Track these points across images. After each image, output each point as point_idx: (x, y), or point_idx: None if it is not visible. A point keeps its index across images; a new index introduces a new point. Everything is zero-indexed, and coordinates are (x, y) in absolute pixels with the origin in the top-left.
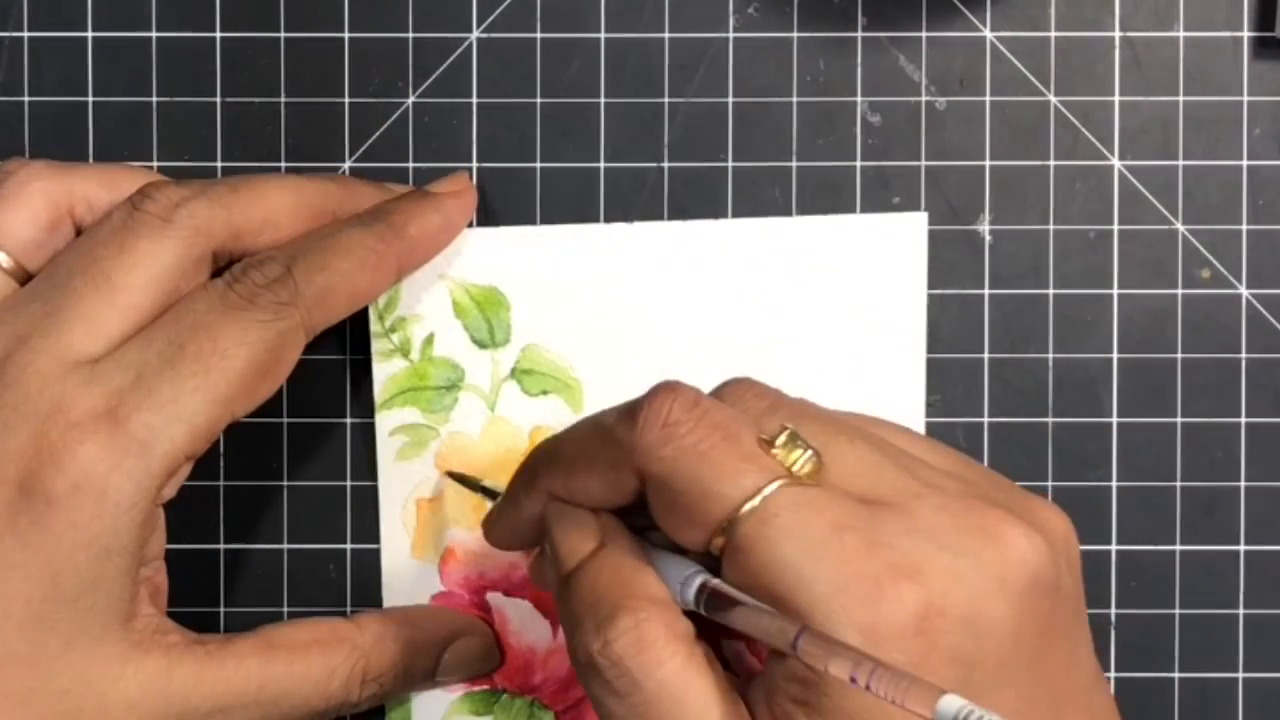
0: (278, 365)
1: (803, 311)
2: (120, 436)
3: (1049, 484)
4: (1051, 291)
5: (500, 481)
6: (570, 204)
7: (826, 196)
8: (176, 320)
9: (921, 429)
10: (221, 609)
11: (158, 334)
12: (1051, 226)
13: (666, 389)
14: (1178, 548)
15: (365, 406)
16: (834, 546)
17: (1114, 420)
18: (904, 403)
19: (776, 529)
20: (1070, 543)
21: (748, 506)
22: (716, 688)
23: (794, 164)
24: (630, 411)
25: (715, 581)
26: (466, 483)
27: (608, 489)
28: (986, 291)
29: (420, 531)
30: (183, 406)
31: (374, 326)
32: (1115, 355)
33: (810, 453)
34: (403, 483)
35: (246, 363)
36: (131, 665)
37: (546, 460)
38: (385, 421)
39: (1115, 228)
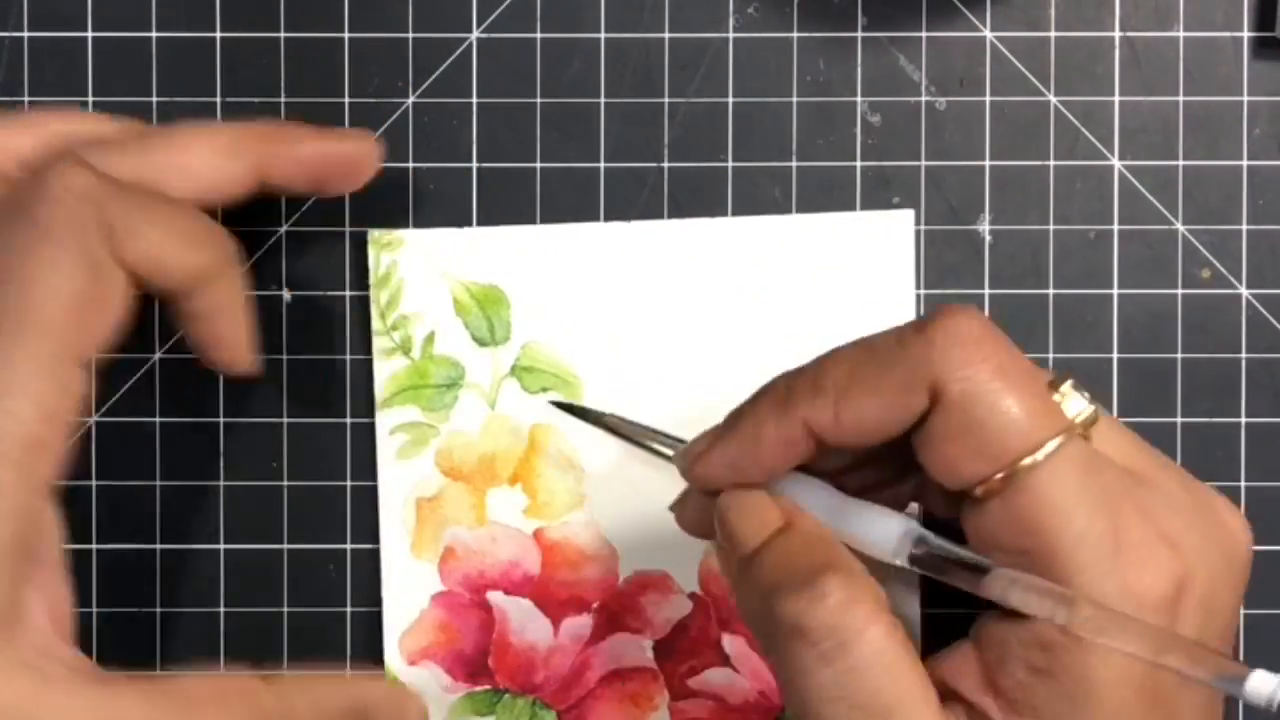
0: (102, 305)
1: (797, 307)
2: None
3: None
4: (1051, 291)
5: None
6: (570, 204)
7: (826, 196)
8: None
9: None
10: (221, 609)
11: None
12: (1051, 226)
13: (959, 308)
14: None
15: (365, 406)
16: (1115, 511)
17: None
18: None
19: (1067, 480)
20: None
21: (1045, 450)
22: (916, 660)
23: (794, 164)
24: (919, 329)
25: (938, 540)
26: (585, 415)
27: (885, 415)
28: (986, 291)
29: (420, 530)
30: (16, 381)
31: (375, 324)
32: (1115, 355)
33: (1092, 408)
34: (403, 481)
35: (59, 307)
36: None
37: (809, 389)
38: (385, 420)
39: (1115, 228)
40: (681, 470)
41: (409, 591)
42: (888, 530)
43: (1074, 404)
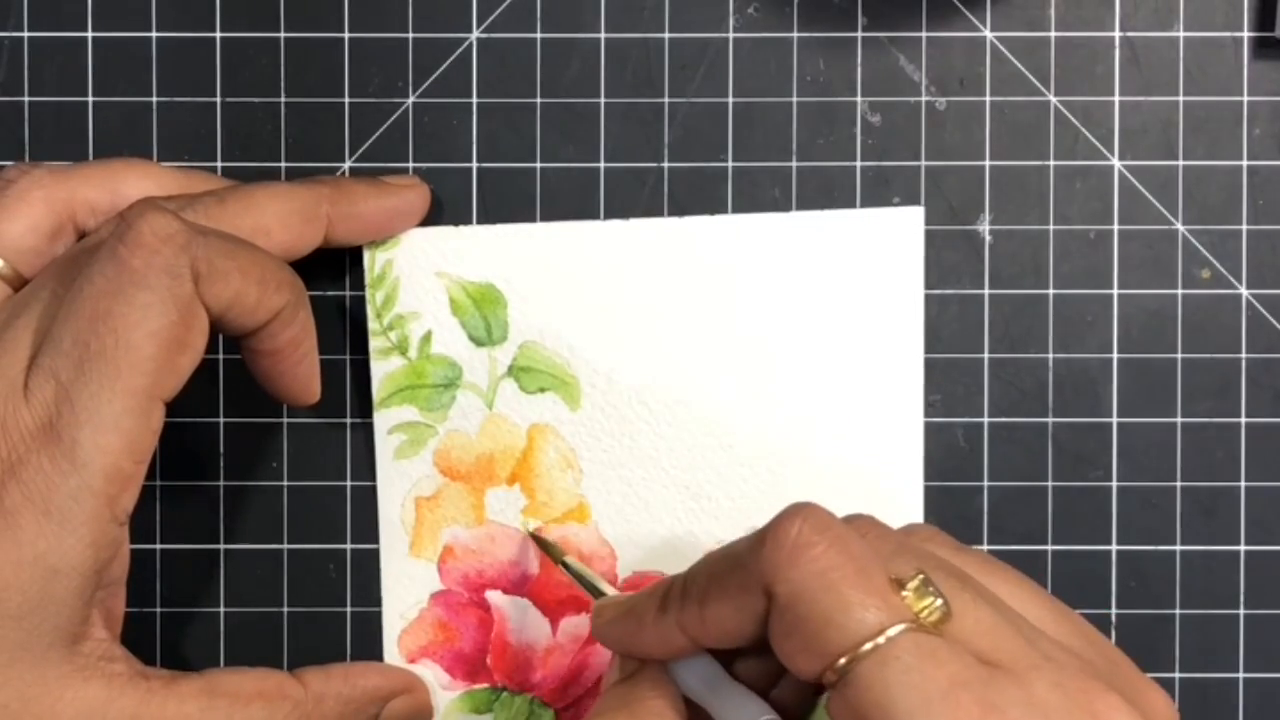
0: (187, 343)
1: (801, 305)
2: (60, 456)
3: (1049, 484)
4: (1051, 291)
5: (582, 562)
6: (570, 204)
7: (826, 196)
8: (76, 311)
9: (920, 425)
10: (221, 609)
11: (62, 334)
12: (1051, 226)
13: (797, 509)
14: (1178, 548)
15: (365, 406)
16: (950, 703)
17: (1114, 420)
18: (902, 396)
19: (896, 673)
20: None
21: (870, 644)
22: None
23: (794, 164)
24: (760, 534)
25: None
26: (549, 551)
27: (739, 616)
28: (986, 291)
29: (419, 530)
30: (105, 415)
31: (372, 324)
32: (1115, 355)
33: (941, 602)
34: (401, 481)
35: (153, 346)
36: (71, 690)
37: (679, 593)
38: (383, 420)
39: (1115, 228)
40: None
41: (408, 590)
42: (740, 717)
43: (925, 599)
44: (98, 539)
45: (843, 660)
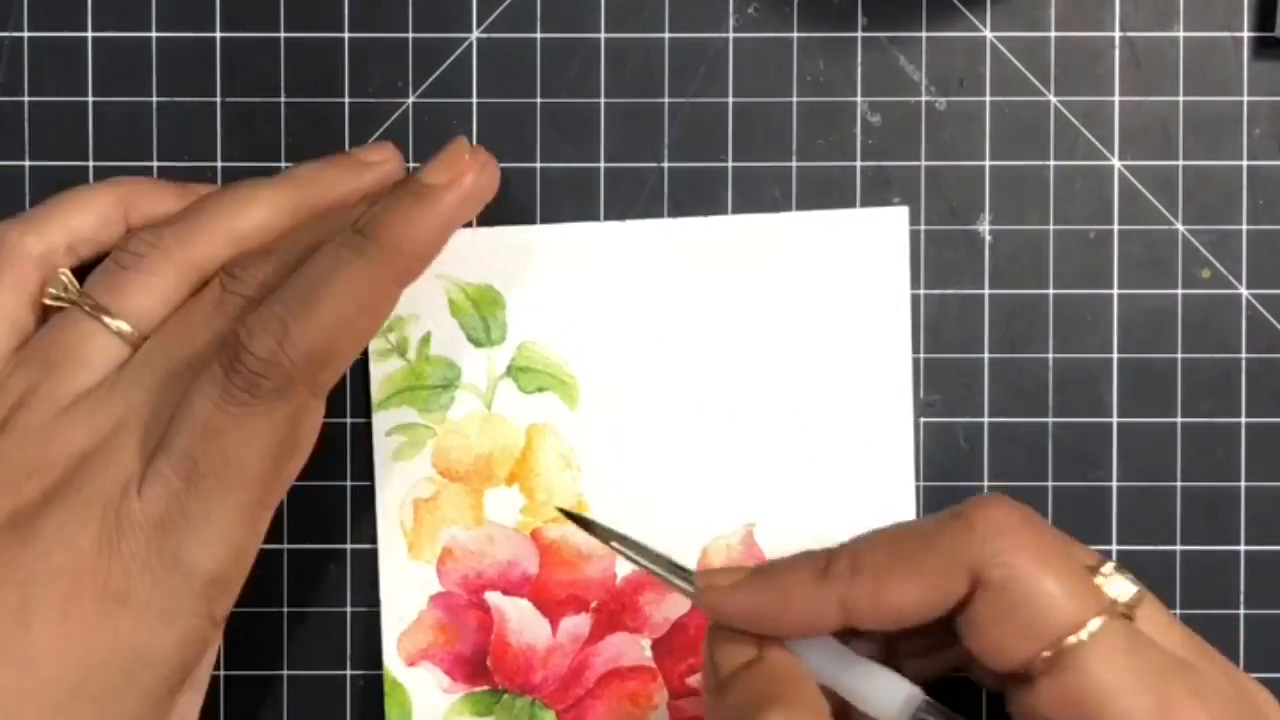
0: (297, 446)
1: (793, 305)
2: (167, 554)
3: (1049, 484)
4: (1051, 291)
5: (617, 524)
6: (570, 204)
7: (826, 196)
8: (187, 427)
9: (910, 424)
10: None
11: (175, 444)
12: (1051, 226)
13: (994, 497)
14: (1178, 548)
15: (365, 407)
16: (1164, 690)
17: (1114, 420)
18: (891, 395)
19: (1114, 657)
20: None
21: (1089, 629)
22: None
23: (794, 164)
24: (958, 516)
25: (943, 710)
26: (587, 526)
27: (926, 597)
28: (986, 291)
29: (418, 532)
30: (215, 526)
31: None
32: (1115, 355)
33: (1137, 589)
34: (400, 483)
35: (262, 462)
36: None
37: (847, 568)
38: (382, 421)
39: (1115, 228)
40: (697, 598)
41: (407, 593)
42: (891, 696)
43: (1116, 585)
44: (192, 636)
45: (1047, 651)
